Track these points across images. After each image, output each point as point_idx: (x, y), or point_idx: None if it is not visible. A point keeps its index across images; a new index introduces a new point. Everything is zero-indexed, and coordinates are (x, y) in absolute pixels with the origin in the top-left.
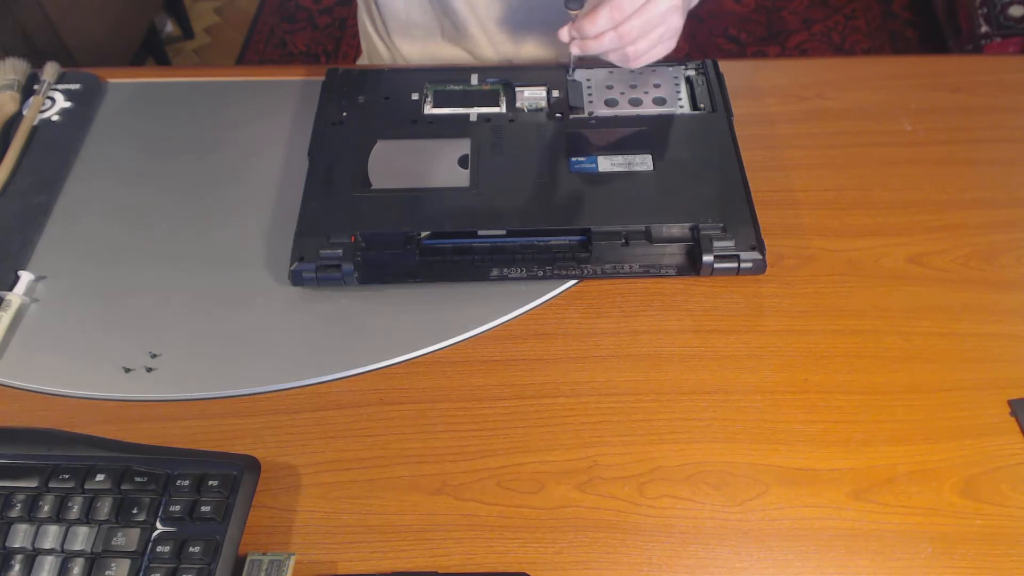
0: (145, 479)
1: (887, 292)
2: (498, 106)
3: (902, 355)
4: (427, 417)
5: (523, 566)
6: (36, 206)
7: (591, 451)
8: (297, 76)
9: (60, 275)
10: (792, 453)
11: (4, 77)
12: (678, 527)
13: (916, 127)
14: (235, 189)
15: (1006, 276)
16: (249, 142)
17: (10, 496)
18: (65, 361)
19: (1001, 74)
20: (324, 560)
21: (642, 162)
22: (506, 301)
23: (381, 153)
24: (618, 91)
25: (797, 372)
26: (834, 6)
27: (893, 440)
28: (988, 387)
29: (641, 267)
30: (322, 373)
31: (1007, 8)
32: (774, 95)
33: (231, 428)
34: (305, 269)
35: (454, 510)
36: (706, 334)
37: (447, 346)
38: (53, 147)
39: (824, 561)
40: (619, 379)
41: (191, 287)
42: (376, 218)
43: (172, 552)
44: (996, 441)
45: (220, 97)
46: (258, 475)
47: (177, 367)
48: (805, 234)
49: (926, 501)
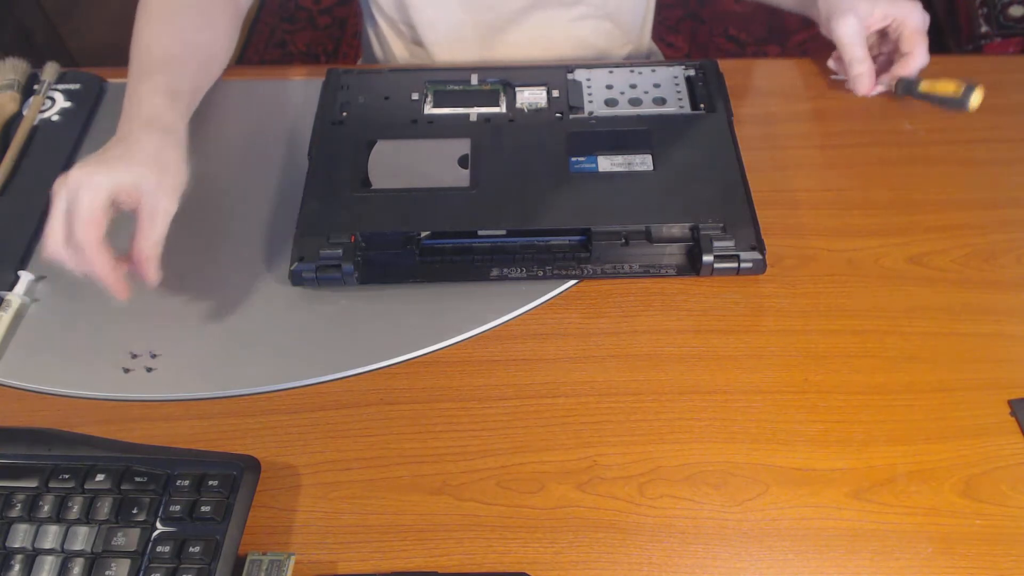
0: (145, 479)
1: (887, 292)
2: (498, 106)
3: (902, 355)
4: (427, 417)
5: (523, 566)
6: (36, 206)
7: (591, 451)
8: (297, 76)
9: (60, 275)
10: (792, 453)
11: (4, 77)
12: (678, 527)
13: (916, 127)
14: (235, 189)
15: (1006, 276)
16: (249, 142)
17: (10, 496)
18: (65, 361)
19: (1001, 74)
20: (324, 560)
21: (642, 162)
22: (506, 301)
23: (381, 153)
24: (618, 91)
25: (797, 372)
26: None
27: (893, 440)
28: (988, 387)
29: (641, 267)
30: (322, 373)
31: (1007, 8)
32: (774, 95)
33: (231, 428)
34: (305, 269)
35: (454, 510)
36: (706, 334)
37: (447, 346)
38: (53, 147)
39: (824, 561)
40: (619, 379)
41: (191, 287)
42: (376, 218)
43: (172, 552)
44: (996, 441)
45: (220, 97)
46: (258, 475)
47: (177, 367)
48: (805, 234)
49: (926, 501)
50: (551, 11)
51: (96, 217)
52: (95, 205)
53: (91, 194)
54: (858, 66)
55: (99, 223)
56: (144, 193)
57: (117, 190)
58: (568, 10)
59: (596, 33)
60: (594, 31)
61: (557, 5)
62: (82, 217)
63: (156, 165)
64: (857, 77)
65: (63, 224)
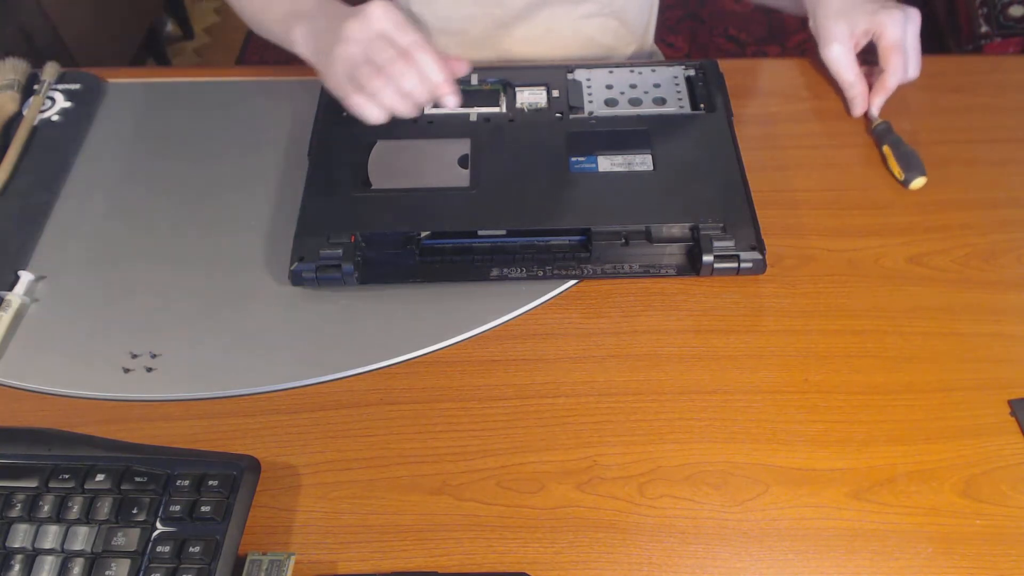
0: (145, 479)
1: (887, 292)
2: (498, 106)
3: (902, 355)
4: (427, 417)
5: (523, 566)
6: (36, 206)
7: (591, 451)
8: (297, 76)
9: (60, 275)
10: (792, 453)
11: (4, 77)
12: (678, 527)
13: (916, 127)
14: (235, 189)
15: (1006, 276)
16: (249, 142)
17: (10, 496)
18: (65, 361)
19: (1001, 74)
20: (324, 560)
21: (642, 162)
22: (506, 301)
23: (381, 153)
24: (618, 91)
25: (797, 372)
26: None
27: (893, 440)
28: (988, 387)
29: (641, 267)
30: (322, 373)
31: (1007, 8)
32: (774, 95)
33: (231, 428)
34: (305, 269)
35: (454, 510)
36: (706, 334)
37: (447, 346)
38: (53, 147)
39: (824, 561)
40: (619, 379)
41: (191, 287)
42: (376, 218)
43: (172, 552)
44: (996, 441)
45: (220, 97)
46: (258, 475)
47: (177, 367)
48: (805, 234)
49: (926, 501)
50: (559, 8)
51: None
52: (394, 15)
53: (381, 10)
54: (849, 90)
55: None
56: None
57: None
58: (576, 7)
59: (603, 31)
60: (601, 29)
61: (565, 2)
62: (396, 24)
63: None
64: (850, 101)
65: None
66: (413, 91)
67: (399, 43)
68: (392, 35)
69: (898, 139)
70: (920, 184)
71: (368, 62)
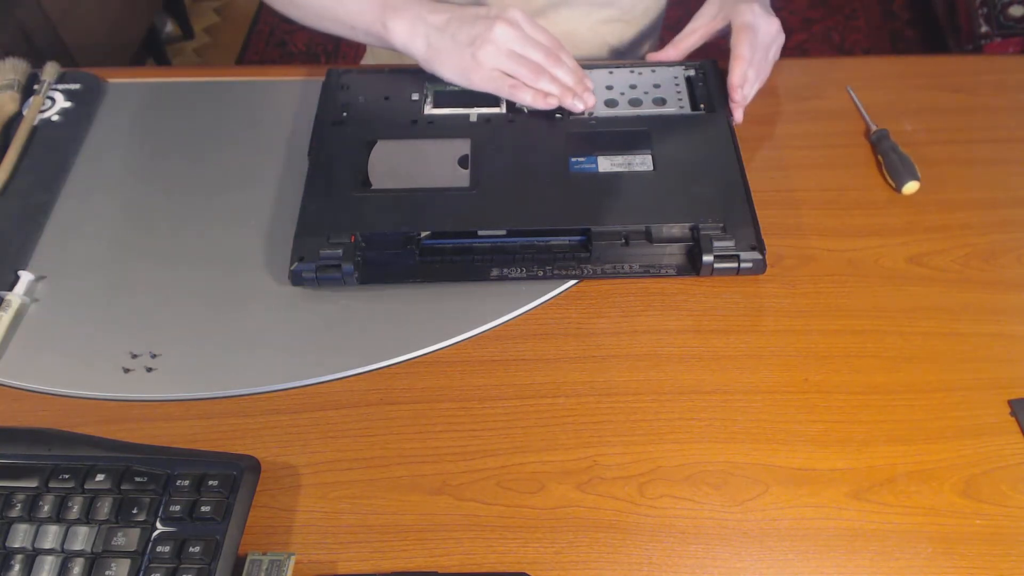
0: (145, 479)
1: (887, 292)
2: (498, 106)
3: (902, 355)
4: (427, 417)
5: (523, 566)
6: (36, 206)
7: (591, 451)
8: (297, 76)
9: (60, 275)
10: (792, 453)
11: (4, 77)
12: (678, 527)
13: (916, 127)
14: (235, 189)
15: (1006, 276)
16: (249, 142)
17: (10, 496)
18: (65, 361)
19: (1001, 74)
20: (324, 560)
21: (642, 162)
22: (506, 301)
23: (381, 153)
24: (618, 91)
25: (797, 372)
26: (834, 6)
27: (893, 440)
28: (988, 387)
29: (641, 267)
30: (322, 373)
31: (1007, 8)
32: (774, 95)
33: (231, 428)
34: (305, 269)
35: (454, 510)
36: (706, 334)
37: (447, 346)
38: (53, 147)
39: (824, 561)
40: (619, 379)
41: (191, 287)
42: (376, 218)
43: (172, 552)
44: (996, 441)
45: (220, 97)
46: (258, 475)
47: (177, 367)
48: (805, 234)
49: (926, 501)
50: (578, 9)
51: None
52: (532, 20)
53: (522, 14)
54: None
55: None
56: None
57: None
58: (596, 11)
59: (619, 36)
60: (617, 34)
61: (586, 4)
62: (537, 27)
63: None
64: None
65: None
66: (566, 81)
67: (545, 44)
68: (537, 37)
69: (890, 148)
70: (913, 189)
71: (521, 62)
